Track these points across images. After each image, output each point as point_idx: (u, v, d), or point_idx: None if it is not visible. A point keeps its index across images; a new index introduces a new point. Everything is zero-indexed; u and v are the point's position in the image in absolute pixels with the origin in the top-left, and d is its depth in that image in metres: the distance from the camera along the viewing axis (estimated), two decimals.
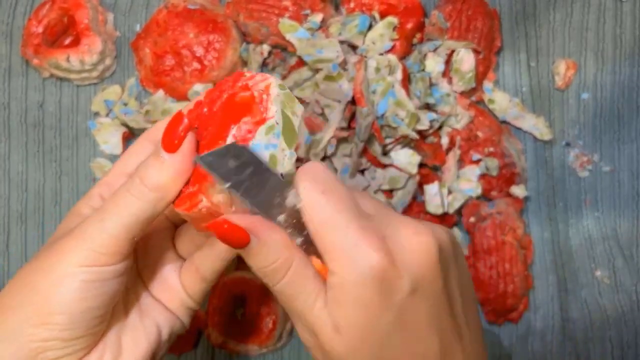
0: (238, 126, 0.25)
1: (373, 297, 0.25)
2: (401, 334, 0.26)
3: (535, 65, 0.49)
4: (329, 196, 0.25)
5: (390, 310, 0.25)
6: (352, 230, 0.25)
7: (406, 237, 0.26)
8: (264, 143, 0.25)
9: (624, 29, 0.49)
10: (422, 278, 0.25)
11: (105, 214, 0.26)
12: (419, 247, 0.26)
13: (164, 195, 0.26)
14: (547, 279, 0.48)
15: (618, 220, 0.48)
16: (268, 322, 0.45)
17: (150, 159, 0.27)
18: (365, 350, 0.26)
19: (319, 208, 0.25)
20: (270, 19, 0.47)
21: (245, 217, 0.26)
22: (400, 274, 0.25)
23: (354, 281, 0.25)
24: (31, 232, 0.48)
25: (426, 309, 0.26)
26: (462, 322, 0.28)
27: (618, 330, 0.47)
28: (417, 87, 0.46)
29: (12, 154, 0.48)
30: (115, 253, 0.26)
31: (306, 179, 0.26)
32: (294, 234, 0.27)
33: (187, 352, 0.47)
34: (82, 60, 0.47)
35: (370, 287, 0.25)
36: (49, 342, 0.25)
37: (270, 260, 0.26)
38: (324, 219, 0.25)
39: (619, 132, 0.49)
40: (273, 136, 0.26)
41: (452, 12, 0.48)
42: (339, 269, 0.25)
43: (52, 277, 0.26)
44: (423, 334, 0.26)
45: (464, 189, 0.46)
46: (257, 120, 0.26)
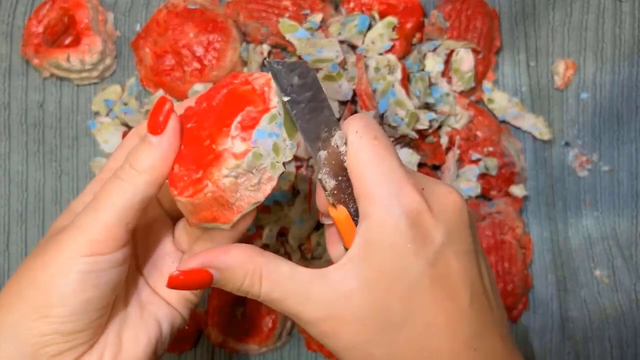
0: (243, 114, 0.26)
1: (407, 242, 0.25)
2: (431, 286, 0.25)
3: (534, 65, 0.49)
4: (379, 142, 0.26)
5: (422, 259, 0.25)
6: (397, 175, 0.25)
7: (442, 192, 0.26)
8: (268, 131, 0.26)
9: (623, 29, 0.49)
10: (455, 232, 0.26)
11: (98, 202, 0.26)
12: (454, 204, 0.26)
13: (154, 176, 0.26)
14: (547, 278, 0.48)
15: (617, 219, 0.48)
16: (268, 322, 0.45)
17: (137, 145, 0.27)
18: (394, 304, 0.25)
19: (368, 151, 0.26)
20: (270, 19, 0.47)
21: (196, 257, 0.26)
22: (436, 223, 0.25)
23: (392, 224, 0.25)
24: (31, 232, 0.48)
25: (458, 264, 0.26)
26: (491, 295, 0.28)
27: (617, 329, 0.47)
28: (417, 87, 0.46)
29: (12, 153, 0.48)
30: (110, 240, 0.26)
31: (360, 123, 0.26)
32: (330, 175, 0.27)
33: (187, 351, 0.47)
34: (83, 60, 0.47)
35: (406, 232, 0.25)
36: (49, 336, 0.25)
37: (240, 279, 0.26)
38: (371, 161, 0.26)
39: (618, 131, 0.49)
40: (275, 125, 0.26)
41: (452, 12, 0.48)
42: (377, 211, 0.25)
43: (49, 270, 0.26)
44: (454, 291, 0.26)
45: (463, 189, 0.47)
46: (260, 109, 0.26)
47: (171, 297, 0.31)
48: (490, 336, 0.27)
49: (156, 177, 0.26)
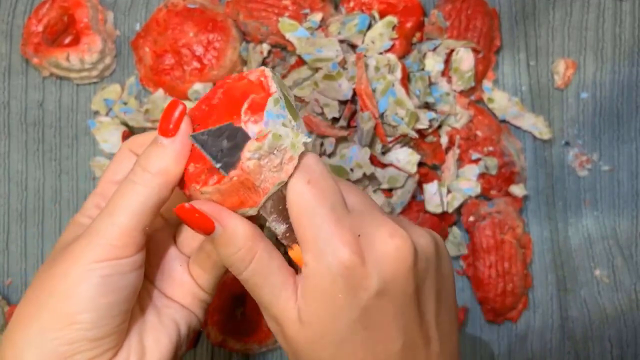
0: (248, 101, 0.26)
1: (338, 293, 0.25)
2: (363, 332, 0.26)
3: (534, 65, 0.49)
4: (313, 187, 0.26)
5: (353, 308, 0.25)
6: (328, 224, 0.25)
7: (381, 238, 0.26)
8: (274, 113, 0.26)
9: (623, 28, 0.49)
10: (391, 281, 0.25)
11: (113, 207, 0.26)
12: (393, 249, 0.26)
13: (168, 178, 0.26)
14: (547, 278, 0.48)
15: (617, 219, 0.48)
16: None
17: (149, 148, 0.27)
18: (325, 344, 0.26)
19: (300, 197, 0.26)
20: (270, 18, 0.47)
21: (211, 205, 0.26)
22: (369, 274, 0.25)
23: (322, 274, 0.25)
24: (31, 231, 0.48)
25: (392, 311, 0.26)
26: (432, 330, 0.28)
27: (617, 329, 0.47)
28: (417, 86, 0.46)
29: (12, 152, 0.48)
30: (129, 244, 0.26)
31: (297, 168, 0.26)
32: (279, 220, 0.27)
33: (187, 350, 0.47)
34: (82, 59, 0.47)
35: (336, 283, 0.25)
36: (76, 343, 0.25)
37: (234, 249, 0.26)
38: (303, 208, 0.26)
39: (618, 131, 0.49)
40: (280, 108, 0.26)
41: (452, 12, 0.48)
42: (310, 261, 0.25)
43: (69, 279, 0.25)
44: (386, 335, 0.26)
45: (463, 188, 0.47)
46: (263, 95, 0.26)
47: (185, 299, 0.31)
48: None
49: (169, 179, 0.27)
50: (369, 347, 0.26)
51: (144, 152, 0.27)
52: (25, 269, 0.48)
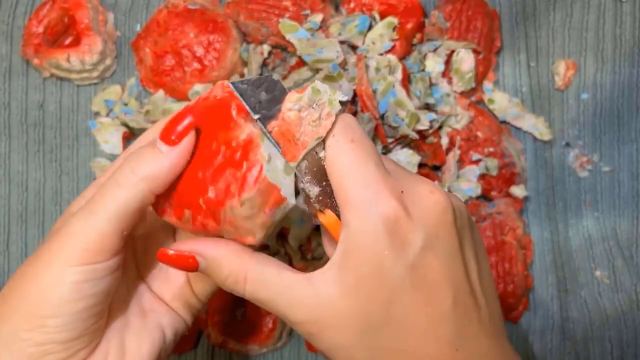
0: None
1: (384, 250, 0.24)
2: (411, 291, 0.25)
3: (535, 66, 0.49)
4: (357, 145, 0.25)
5: (400, 265, 0.25)
6: (374, 180, 0.25)
7: (423, 194, 0.26)
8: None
9: (623, 29, 0.49)
10: (436, 235, 0.25)
11: (92, 207, 0.26)
12: (435, 205, 0.25)
13: (155, 185, 0.26)
14: (547, 278, 0.48)
15: (618, 220, 0.48)
16: (268, 322, 0.45)
17: (144, 149, 0.26)
18: (373, 310, 0.25)
19: (345, 155, 0.25)
20: (271, 19, 0.47)
21: (190, 241, 0.26)
22: (414, 227, 0.25)
23: (367, 232, 0.24)
24: (31, 232, 0.48)
25: (439, 267, 0.25)
26: (478, 290, 0.27)
27: (618, 330, 0.47)
28: (417, 87, 0.46)
29: (12, 153, 0.48)
30: (105, 249, 0.25)
31: (337, 126, 0.26)
32: (313, 182, 0.27)
33: (187, 351, 0.47)
34: (83, 60, 0.47)
35: (383, 239, 0.24)
36: (46, 345, 0.25)
37: (225, 274, 0.26)
38: (349, 166, 0.25)
39: (618, 132, 0.49)
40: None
41: (452, 12, 0.48)
42: (355, 219, 0.25)
43: (41, 282, 0.25)
44: (435, 293, 0.25)
45: (463, 189, 0.47)
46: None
47: (175, 303, 0.31)
48: (475, 336, 0.26)
49: (156, 187, 0.26)
50: (420, 307, 0.25)
51: (137, 152, 0.26)
52: None
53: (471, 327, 0.26)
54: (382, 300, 0.25)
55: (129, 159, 0.26)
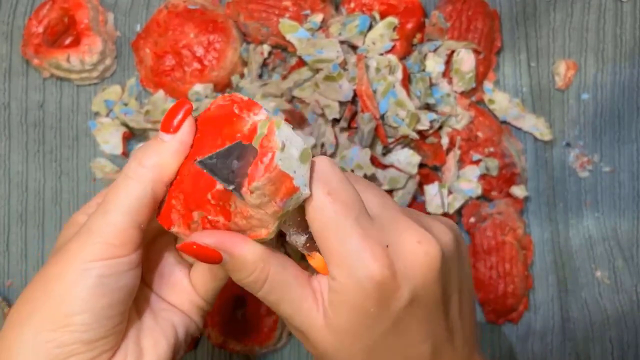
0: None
1: (370, 307, 0.25)
2: (394, 339, 0.26)
3: (535, 66, 0.49)
4: (334, 198, 0.25)
5: (386, 319, 0.25)
6: (355, 238, 0.24)
7: (409, 247, 0.25)
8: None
9: (624, 29, 0.49)
10: (421, 289, 0.25)
11: (108, 204, 0.26)
12: (422, 258, 0.25)
13: (163, 174, 0.26)
14: (547, 279, 0.48)
15: (618, 220, 0.48)
16: (268, 322, 0.45)
17: (148, 142, 0.27)
18: (355, 351, 0.26)
19: (322, 210, 0.25)
20: (271, 19, 0.47)
21: (215, 234, 0.25)
22: (400, 285, 0.25)
23: (353, 289, 0.25)
24: (31, 232, 0.48)
25: (422, 316, 0.26)
26: (456, 323, 0.28)
27: (618, 330, 0.47)
28: (417, 87, 0.46)
29: (12, 153, 0.48)
30: (126, 243, 0.26)
31: (314, 175, 0.25)
32: (298, 231, 0.26)
33: (188, 351, 0.47)
34: (83, 60, 0.47)
35: (368, 297, 0.24)
36: (71, 346, 0.25)
37: (246, 273, 0.26)
38: (327, 222, 0.25)
39: (619, 132, 0.49)
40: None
41: (453, 12, 0.48)
42: (338, 275, 0.25)
43: (65, 280, 0.25)
44: (416, 340, 0.26)
45: (464, 189, 0.46)
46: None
47: (183, 305, 0.31)
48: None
49: (164, 175, 0.26)
50: (400, 351, 0.26)
51: (142, 147, 0.27)
52: (25, 270, 0.48)
53: (446, 358, 0.28)
54: (366, 348, 0.26)
55: (135, 153, 0.27)
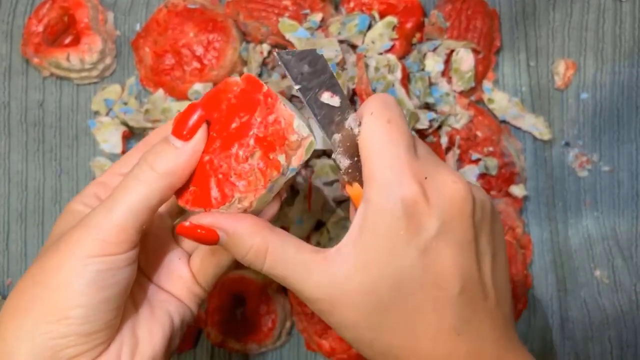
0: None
1: (400, 230, 0.25)
2: (421, 274, 0.26)
3: (534, 65, 0.49)
4: (392, 126, 0.26)
5: (413, 247, 0.25)
6: (401, 161, 0.25)
7: (445, 182, 0.26)
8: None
9: (623, 29, 0.49)
10: (451, 224, 0.26)
11: (113, 202, 0.26)
12: (455, 194, 0.26)
13: (174, 181, 0.27)
14: (547, 278, 0.48)
15: (617, 220, 0.48)
16: (267, 321, 0.45)
17: (159, 146, 0.27)
18: (383, 286, 0.26)
19: (379, 134, 0.26)
20: (270, 19, 0.47)
21: (209, 215, 0.26)
22: (431, 213, 0.25)
23: (386, 209, 0.25)
24: (31, 231, 0.48)
25: (451, 255, 0.26)
26: (489, 285, 0.27)
27: (617, 329, 0.47)
28: (417, 87, 0.46)
29: (12, 152, 0.49)
30: (124, 241, 0.26)
31: (376, 104, 0.27)
32: (344, 155, 0.27)
33: (187, 350, 0.47)
34: (82, 59, 0.47)
35: (400, 218, 0.25)
36: (67, 338, 0.25)
37: (245, 249, 0.26)
38: (380, 145, 0.26)
39: (618, 132, 0.49)
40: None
41: (452, 12, 0.48)
42: (375, 195, 0.25)
43: (63, 272, 0.25)
44: (444, 279, 0.26)
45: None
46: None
47: (181, 292, 0.31)
48: (478, 323, 0.27)
49: (175, 182, 0.27)
50: (428, 290, 0.26)
51: (153, 149, 0.27)
52: (25, 269, 0.48)
53: (476, 314, 0.27)
54: (393, 279, 0.25)
55: (146, 156, 0.27)
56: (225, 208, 0.27)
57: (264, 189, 0.26)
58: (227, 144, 0.27)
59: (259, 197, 0.27)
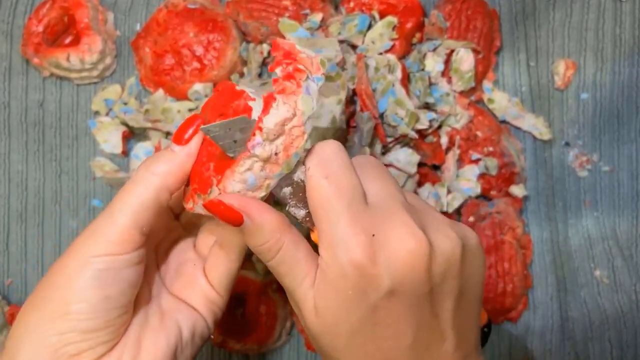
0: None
1: (349, 290, 0.25)
2: (373, 327, 0.26)
3: (534, 65, 0.49)
4: (331, 182, 0.26)
5: (363, 306, 0.26)
6: (342, 221, 0.25)
7: (395, 240, 0.25)
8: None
9: (623, 29, 0.49)
10: (402, 282, 0.25)
11: (114, 205, 0.27)
12: (406, 252, 0.25)
13: (168, 181, 0.27)
14: (547, 278, 0.48)
15: (617, 220, 0.48)
16: (267, 321, 0.45)
17: (160, 152, 0.28)
18: (338, 334, 0.27)
19: (318, 192, 0.26)
20: (270, 19, 0.47)
21: (242, 199, 0.27)
22: (379, 275, 0.25)
23: (335, 270, 0.26)
24: (31, 231, 0.48)
25: (403, 310, 0.26)
26: (448, 329, 0.27)
27: (617, 330, 0.47)
28: (417, 87, 0.46)
29: (12, 153, 0.48)
30: (125, 242, 0.27)
31: (314, 160, 0.27)
32: (298, 206, 0.28)
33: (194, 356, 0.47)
34: (82, 59, 0.47)
35: (348, 280, 0.25)
36: (68, 334, 0.26)
37: (262, 240, 0.27)
38: (319, 202, 0.26)
39: (618, 132, 0.49)
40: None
41: (452, 12, 0.48)
42: (324, 255, 0.26)
43: (67, 271, 0.26)
44: (396, 332, 0.26)
45: (463, 189, 0.47)
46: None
47: (197, 300, 0.31)
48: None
49: (170, 183, 0.27)
50: (379, 341, 0.26)
51: (153, 155, 0.28)
52: (25, 269, 0.48)
53: (432, 357, 0.27)
54: (345, 329, 0.26)
55: (145, 162, 0.28)
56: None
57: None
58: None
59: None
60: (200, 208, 0.28)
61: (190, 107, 0.47)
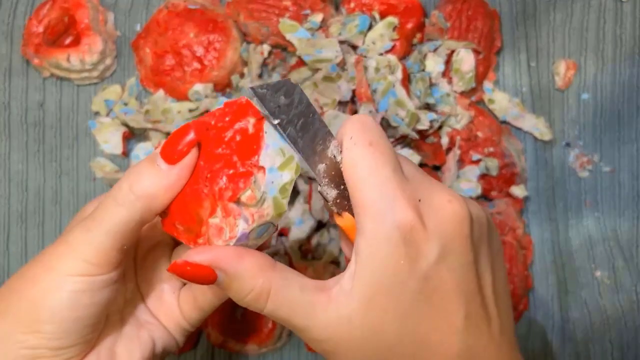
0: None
1: (400, 259, 0.24)
2: (425, 304, 0.24)
3: (535, 66, 0.49)
4: (375, 149, 0.24)
5: (415, 276, 0.24)
6: (391, 187, 0.24)
7: (441, 204, 0.25)
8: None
9: (624, 29, 0.49)
10: (450, 247, 0.24)
11: (92, 222, 0.25)
12: (452, 216, 0.25)
13: (153, 204, 0.25)
14: (547, 279, 0.48)
15: (618, 220, 0.48)
16: (267, 322, 0.45)
17: (143, 164, 0.25)
18: (389, 322, 0.24)
19: (362, 160, 0.24)
20: (271, 19, 0.47)
21: (208, 251, 0.24)
22: (429, 237, 0.24)
23: (382, 238, 0.24)
24: (31, 232, 0.48)
25: (452, 280, 0.25)
26: (492, 306, 0.26)
27: (618, 330, 0.47)
28: (417, 87, 0.46)
29: (12, 153, 0.48)
30: (104, 263, 0.25)
31: (354, 127, 0.25)
32: (330, 186, 0.26)
33: (187, 351, 0.47)
34: (83, 59, 0.47)
35: (398, 247, 0.24)
36: (38, 350, 0.25)
37: (245, 290, 0.24)
38: (365, 171, 0.24)
39: (619, 132, 0.49)
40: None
41: (452, 12, 0.48)
42: (370, 225, 0.24)
43: (40, 286, 0.25)
44: (447, 307, 0.25)
45: (464, 189, 0.46)
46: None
47: (168, 323, 0.31)
48: (484, 348, 0.26)
49: (155, 206, 0.25)
50: (432, 320, 0.25)
51: (136, 167, 0.25)
52: None
53: (481, 339, 0.26)
54: (396, 314, 0.24)
55: (127, 175, 0.25)
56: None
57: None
58: (211, 163, 0.25)
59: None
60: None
61: (191, 107, 0.47)
